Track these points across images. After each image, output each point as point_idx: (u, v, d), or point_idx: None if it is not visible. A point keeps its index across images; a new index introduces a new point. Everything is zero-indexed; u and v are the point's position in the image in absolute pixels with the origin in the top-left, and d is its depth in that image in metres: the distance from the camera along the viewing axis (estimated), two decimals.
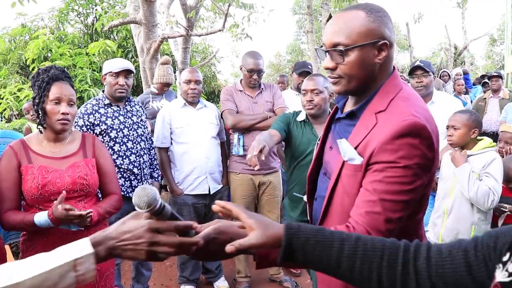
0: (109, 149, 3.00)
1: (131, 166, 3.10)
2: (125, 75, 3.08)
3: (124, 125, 3.10)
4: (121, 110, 3.14)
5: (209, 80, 10.30)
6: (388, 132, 1.19)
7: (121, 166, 3.06)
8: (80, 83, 7.22)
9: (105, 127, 3.00)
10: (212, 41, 12.41)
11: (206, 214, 3.51)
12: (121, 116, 3.11)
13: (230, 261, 4.13)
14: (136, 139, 3.16)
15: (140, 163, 3.16)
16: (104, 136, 3.01)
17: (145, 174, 3.22)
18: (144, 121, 3.31)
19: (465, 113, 2.85)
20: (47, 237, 2.06)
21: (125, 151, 3.08)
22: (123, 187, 3.06)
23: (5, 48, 8.72)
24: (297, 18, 25.91)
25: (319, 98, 2.80)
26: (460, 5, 17.61)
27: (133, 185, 3.12)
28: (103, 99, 3.10)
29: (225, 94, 3.59)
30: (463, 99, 8.18)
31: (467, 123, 2.76)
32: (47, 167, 2.07)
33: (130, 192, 3.09)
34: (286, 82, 6.85)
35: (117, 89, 3.06)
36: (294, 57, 26.16)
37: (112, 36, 8.97)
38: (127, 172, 3.09)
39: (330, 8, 10.97)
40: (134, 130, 3.15)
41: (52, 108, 2.05)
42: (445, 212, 2.80)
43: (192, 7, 5.81)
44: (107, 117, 3.04)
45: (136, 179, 3.14)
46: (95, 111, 3.02)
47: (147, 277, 3.50)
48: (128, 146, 3.09)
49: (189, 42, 5.90)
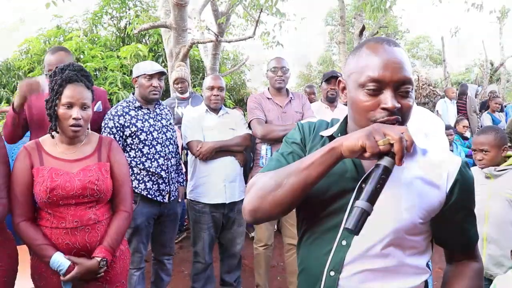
0: (138, 151, 3.00)
1: (159, 169, 3.06)
2: (158, 77, 3.12)
3: (154, 128, 3.08)
4: (151, 113, 3.14)
5: (238, 88, 10.28)
6: None
7: (149, 169, 3.02)
8: (110, 85, 7.28)
9: (135, 129, 2.99)
10: (243, 49, 12.44)
11: (224, 224, 3.41)
12: (151, 119, 3.11)
13: (250, 274, 4.02)
14: (165, 142, 3.14)
15: (168, 166, 3.13)
16: (134, 139, 2.99)
17: (172, 177, 3.18)
18: (172, 124, 3.31)
19: (489, 133, 2.70)
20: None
21: (153, 154, 3.05)
22: (150, 190, 3.03)
23: (40, 48, 8.89)
24: (329, 29, 25.78)
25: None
26: (499, 20, 17.14)
27: (160, 189, 3.07)
28: (134, 102, 3.10)
29: (253, 102, 3.48)
30: (497, 116, 7.93)
31: (496, 143, 2.64)
32: (58, 170, 1.99)
33: (157, 196, 3.05)
34: (315, 93, 6.58)
35: (151, 91, 3.07)
36: (325, 68, 25.99)
37: (144, 40, 9.05)
38: (155, 175, 3.05)
39: (363, 19, 10.82)
40: (163, 133, 3.14)
41: (64, 112, 1.97)
42: (484, 239, 2.62)
43: (223, 13, 5.77)
44: (137, 119, 3.03)
45: (164, 183, 3.10)
46: (125, 113, 3.01)
47: (166, 282, 3.43)
48: (157, 149, 3.07)
49: (219, 48, 5.87)
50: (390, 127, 1.01)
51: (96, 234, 2.02)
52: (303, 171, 1.09)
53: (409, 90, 1.13)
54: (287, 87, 3.61)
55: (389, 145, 0.98)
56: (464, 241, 1.29)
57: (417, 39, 29.05)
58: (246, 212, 1.19)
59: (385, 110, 1.11)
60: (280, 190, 1.12)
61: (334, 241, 1.19)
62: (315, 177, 1.08)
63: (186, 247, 4.91)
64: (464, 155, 6.13)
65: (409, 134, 0.99)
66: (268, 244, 3.50)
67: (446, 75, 15.21)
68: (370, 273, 1.16)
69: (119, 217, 2.13)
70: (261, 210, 1.16)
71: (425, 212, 1.17)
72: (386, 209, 1.15)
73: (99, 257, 1.98)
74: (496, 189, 2.63)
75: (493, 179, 2.68)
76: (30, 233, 1.95)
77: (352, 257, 1.17)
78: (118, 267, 2.14)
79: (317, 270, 1.21)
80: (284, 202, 1.13)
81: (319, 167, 1.08)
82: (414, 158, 1.22)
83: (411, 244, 1.19)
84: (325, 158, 1.07)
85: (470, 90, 8.81)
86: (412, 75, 1.15)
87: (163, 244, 3.30)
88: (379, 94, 1.12)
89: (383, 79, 1.11)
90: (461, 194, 1.19)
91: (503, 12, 14.64)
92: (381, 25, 11.57)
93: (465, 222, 1.26)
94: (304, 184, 1.10)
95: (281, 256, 4.30)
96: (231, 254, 3.47)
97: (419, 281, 1.21)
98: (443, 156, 1.23)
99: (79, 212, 1.98)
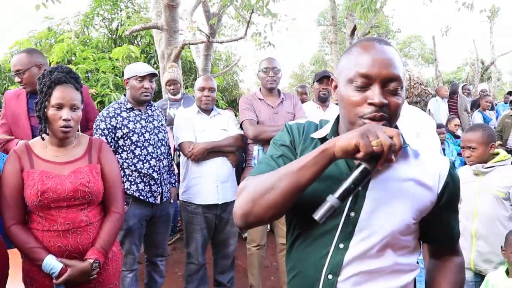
0: (130, 152, 3.00)
1: (151, 171, 3.06)
2: (149, 79, 3.11)
3: (145, 129, 3.09)
4: (142, 114, 3.14)
5: (231, 88, 10.28)
6: None
7: (141, 171, 3.02)
8: (102, 87, 7.26)
9: (127, 131, 3.00)
10: (235, 50, 12.45)
11: (216, 225, 3.40)
12: (143, 120, 3.11)
13: (243, 275, 4.02)
14: (157, 144, 3.14)
15: (160, 167, 3.13)
16: (126, 140, 2.99)
17: (164, 179, 3.18)
18: (164, 125, 3.31)
19: (477, 130, 2.74)
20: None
21: (145, 155, 3.05)
22: (142, 191, 3.03)
23: None
24: (321, 30, 25.84)
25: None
26: (489, 19, 17.26)
27: (152, 190, 3.07)
28: (125, 103, 3.10)
29: (244, 103, 3.48)
30: (488, 115, 7.99)
31: (483, 141, 2.68)
32: (49, 173, 1.98)
33: (149, 197, 3.05)
34: (308, 93, 6.60)
35: (143, 92, 3.07)
36: (317, 68, 26.06)
37: (136, 41, 9.03)
38: (147, 176, 3.05)
39: (355, 19, 10.85)
40: (155, 134, 3.14)
41: (54, 114, 1.97)
42: (473, 236, 2.65)
43: (215, 14, 5.78)
44: (129, 120, 3.03)
45: (156, 184, 3.10)
46: (117, 114, 3.01)
47: (159, 284, 3.42)
48: (149, 150, 3.07)
49: (211, 49, 5.87)
50: (383, 129, 1.01)
51: (88, 236, 2.02)
52: (296, 173, 1.08)
53: (398, 88, 1.14)
54: (278, 88, 3.61)
55: (381, 147, 0.98)
56: (449, 237, 1.34)
57: (409, 38, 29.20)
58: (238, 217, 1.17)
59: (372, 106, 1.12)
60: (272, 193, 1.10)
61: (331, 245, 1.19)
62: (308, 179, 1.07)
63: (179, 248, 4.90)
64: (456, 154, 6.17)
65: (400, 139, 1.00)
66: (261, 244, 3.50)
67: (437, 74, 15.30)
68: (367, 275, 1.17)
69: (111, 219, 2.13)
70: (253, 214, 1.14)
71: (417, 213, 1.20)
72: (383, 212, 1.17)
73: (91, 259, 1.98)
74: (484, 186, 2.67)
75: (481, 176, 2.71)
76: (21, 237, 1.94)
77: (349, 259, 1.17)
78: (111, 269, 2.14)
79: (313, 274, 1.20)
80: (277, 205, 1.10)
81: (311, 169, 1.07)
82: (407, 160, 1.23)
83: (403, 244, 1.21)
84: (317, 160, 1.06)
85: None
86: (402, 73, 1.16)
87: (156, 245, 3.29)
88: (367, 90, 1.14)
89: (371, 75, 1.12)
90: (450, 194, 1.24)
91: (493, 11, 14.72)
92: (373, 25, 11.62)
93: (451, 219, 1.31)
94: (296, 186, 1.08)
95: (274, 256, 4.30)
96: (224, 254, 3.47)
97: (412, 277, 1.25)
98: (434, 158, 1.26)
99: (70, 215, 1.98)
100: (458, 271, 1.34)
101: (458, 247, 1.37)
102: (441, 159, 1.26)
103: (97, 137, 2.88)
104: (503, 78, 25.34)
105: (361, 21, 11.46)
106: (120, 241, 2.95)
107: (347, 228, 1.17)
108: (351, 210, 1.18)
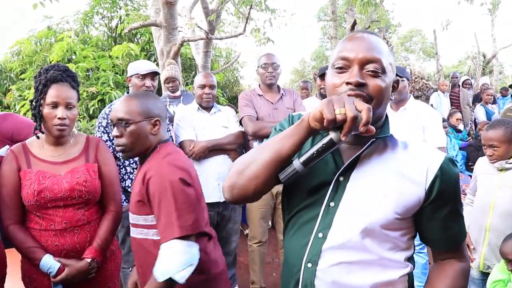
0: None
1: None
2: (151, 77, 3.10)
3: None
4: None
5: (232, 85, 10.25)
6: None
7: None
8: (103, 85, 7.26)
9: None
10: (235, 46, 12.41)
11: (218, 223, 3.39)
12: None
13: (245, 271, 4.01)
14: None
15: None
16: None
17: None
18: (167, 123, 3.26)
19: (498, 128, 2.63)
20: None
21: None
22: None
23: (31, 50, 8.82)
24: (322, 25, 25.74)
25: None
26: (490, 12, 17.17)
27: None
28: None
29: (244, 99, 3.47)
30: (490, 108, 7.94)
31: (506, 139, 2.57)
32: (46, 172, 1.97)
33: None
34: (310, 88, 6.62)
35: (144, 90, 3.05)
36: (319, 63, 25.97)
37: (136, 39, 9.01)
38: None
39: (355, 14, 10.80)
40: None
41: (49, 112, 1.95)
42: (487, 230, 2.59)
43: (213, 10, 5.75)
44: None
45: None
46: None
47: None
48: None
49: (210, 45, 5.85)
50: (352, 100, 1.03)
51: (86, 235, 2.01)
52: (276, 144, 1.14)
53: (378, 69, 1.15)
54: (278, 84, 3.59)
55: (345, 116, 0.99)
56: (448, 239, 1.26)
57: (410, 32, 29.06)
58: (225, 190, 1.23)
59: (349, 85, 1.14)
60: (254, 164, 1.16)
61: (312, 233, 1.20)
62: (288, 149, 1.12)
63: None
64: (458, 148, 6.14)
65: (368, 114, 1.00)
66: (263, 240, 3.49)
67: (439, 68, 15.22)
68: (347, 265, 1.17)
69: (108, 217, 2.12)
70: (237, 186, 1.19)
71: (403, 208, 1.17)
72: (362, 202, 1.17)
73: (89, 258, 1.97)
74: (506, 180, 2.59)
75: (504, 171, 2.63)
76: (19, 236, 1.94)
77: (327, 248, 1.17)
78: (109, 268, 2.14)
79: (296, 262, 1.22)
80: (259, 175, 1.15)
81: (290, 139, 1.12)
82: (394, 152, 1.22)
83: (388, 239, 1.19)
84: (295, 130, 1.12)
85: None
86: (385, 58, 1.18)
87: None
88: (347, 72, 1.17)
89: (349, 57, 1.16)
90: (442, 191, 1.18)
91: (494, 4, 14.63)
92: (373, 20, 11.55)
93: (448, 219, 1.23)
94: (276, 156, 1.13)
95: (276, 252, 4.30)
96: (226, 251, 3.45)
97: (398, 275, 1.20)
98: (424, 151, 1.22)
99: (68, 214, 1.97)
100: (457, 277, 1.25)
101: (461, 251, 1.29)
102: (433, 153, 1.22)
103: (99, 135, 2.87)
104: (505, 71, 25.19)
105: (361, 15, 11.41)
106: (121, 239, 2.95)
107: (326, 217, 1.19)
108: (331, 200, 1.19)
